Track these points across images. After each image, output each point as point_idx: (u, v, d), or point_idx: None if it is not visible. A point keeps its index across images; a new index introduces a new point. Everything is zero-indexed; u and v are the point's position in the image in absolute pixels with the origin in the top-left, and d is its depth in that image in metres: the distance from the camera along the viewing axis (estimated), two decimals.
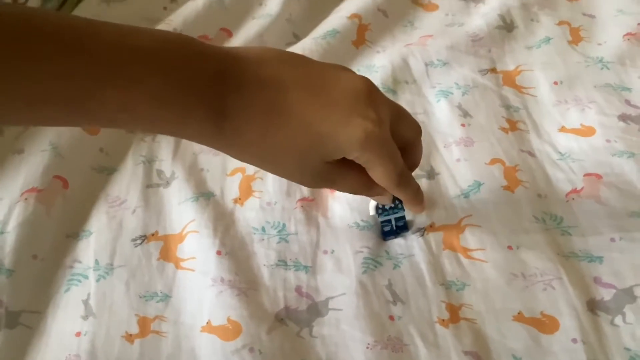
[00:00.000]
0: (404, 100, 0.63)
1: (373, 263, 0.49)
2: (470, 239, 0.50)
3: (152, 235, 0.52)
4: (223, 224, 0.52)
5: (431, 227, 0.51)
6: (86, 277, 0.49)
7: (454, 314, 0.46)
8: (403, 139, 0.44)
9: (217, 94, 0.37)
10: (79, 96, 0.34)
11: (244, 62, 0.39)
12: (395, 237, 0.51)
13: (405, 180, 0.44)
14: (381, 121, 0.41)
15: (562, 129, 0.60)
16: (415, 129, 0.45)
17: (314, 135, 0.39)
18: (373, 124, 0.40)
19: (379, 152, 0.41)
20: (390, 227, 0.51)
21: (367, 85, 0.41)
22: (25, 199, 0.51)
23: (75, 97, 0.34)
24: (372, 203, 0.50)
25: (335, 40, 0.67)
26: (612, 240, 0.50)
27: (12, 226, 0.49)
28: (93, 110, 0.35)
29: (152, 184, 0.56)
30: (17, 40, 0.31)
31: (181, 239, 0.51)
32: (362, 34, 0.70)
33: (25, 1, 0.62)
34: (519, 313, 0.46)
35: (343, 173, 0.43)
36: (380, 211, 0.50)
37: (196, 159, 0.58)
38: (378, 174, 0.42)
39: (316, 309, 0.47)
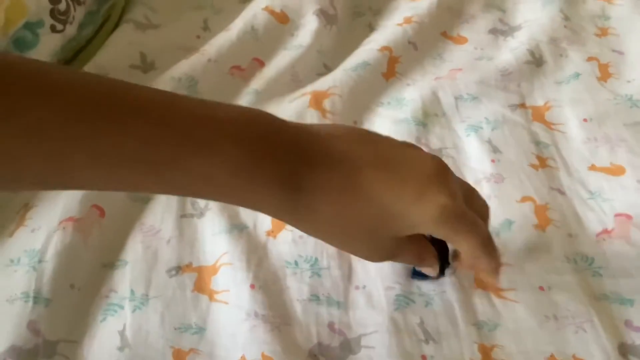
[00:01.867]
0: (434, 134, 0.64)
1: (405, 300, 0.50)
2: (502, 278, 0.51)
3: (187, 266, 0.52)
4: (256, 257, 0.52)
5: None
6: (122, 307, 0.50)
7: (485, 355, 0.47)
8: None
9: (293, 169, 0.38)
10: (163, 163, 0.35)
11: (317, 138, 0.40)
12: (423, 279, 0.52)
13: (489, 249, 0.44)
14: (454, 195, 0.41)
15: (592, 167, 0.60)
16: (485, 209, 0.46)
17: (388, 215, 0.40)
18: (446, 198, 0.40)
19: (456, 225, 0.41)
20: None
21: (437, 163, 0.42)
22: (64, 227, 0.52)
23: (159, 163, 0.35)
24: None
25: (366, 72, 0.68)
26: None
27: (50, 255, 0.50)
28: (175, 178, 0.36)
29: (186, 214, 0.56)
30: (105, 113, 0.34)
31: (215, 271, 0.52)
32: (392, 66, 0.70)
33: (63, 28, 0.63)
34: (550, 355, 0.47)
35: (404, 246, 0.44)
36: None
37: None
38: (461, 247, 0.43)
39: (349, 346, 0.48)
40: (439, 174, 0.42)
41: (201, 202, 0.57)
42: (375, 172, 0.40)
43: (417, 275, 0.51)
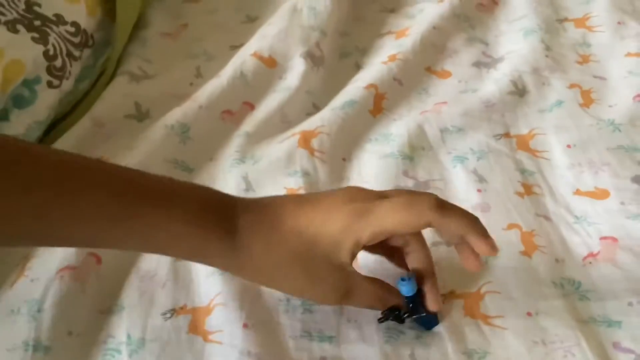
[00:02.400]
0: (421, 167, 0.65)
1: (396, 332, 0.51)
2: (490, 305, 0.52)
3: (181, 308, 0.54)
4: (249, 295, 0.54)
5: (452, 294, 0.53)
6: (119, 352, 0.51)
7: None
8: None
9: (230, 216, 0.46)
10: (128, 217, 0.43)
11: (251, 198, 0.49)
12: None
13: (476, 220, 0.47)
14: (361, 196, 0.47)
15: (577, 192, 0.62)
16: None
17: (306, 238, 0.45)
18: (351, 203, 0.46)
19: (369, 218, 0.45)
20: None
21: (353, 189, 0.49)
22: (61, 276, 0.53)
23: (125, 217, 0.43)
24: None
25: (353, 110, 0.70)
26: (630, 304, 0.51)
27: (48, 304, 0.52)
28: (137, 230, 0.44)
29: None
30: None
31: (209, 312, 0.53)
32: (379, 103, 0.72)
33: (60, 84, 0.66)
34: None
35: (357, 281, 0.48)
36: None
37: None
38: (395, 226, 0.45)
39: None
40: (348, 191, 0.48)
41: None
42: (296, 206, 0.47)
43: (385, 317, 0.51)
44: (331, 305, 0.51)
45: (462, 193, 0.62)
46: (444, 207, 0.45)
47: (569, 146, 0.66)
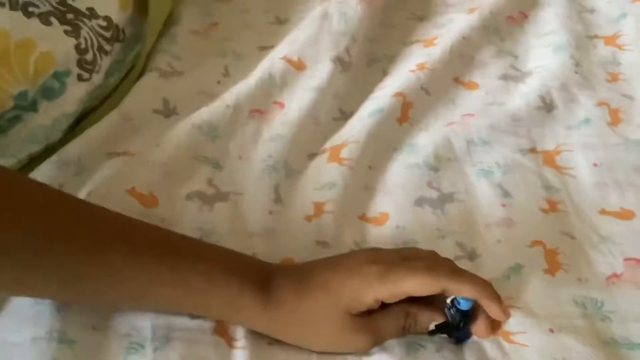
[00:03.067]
0: (446, 179, 0.65)
1: (416, 345, 0.51)
2: (512, 322, 0.51)
3: None
4: None
5: None
6: (143, 346, 0.51)
7: None
8: None
9: (266, 276, 0.51)
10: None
11: (281, 265, 0.56)
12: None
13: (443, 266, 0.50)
14: (382, 257, 0.51)
15: (603, 212, 0.62)
16: (432, 252, 0.53)
17: (329, 292, 0.49)
18: (371, 264, 0.50)
19: (387, 279, 0.48)
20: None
21: (376, 250, 0.54)
22: None
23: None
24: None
25: (381, 118, 0.70)
26: None
27: None
28: (176, 280, 0.49)
29: None
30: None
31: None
32: (406, 112, 0.72)
33: (89, 77, 0.66)
34: None
35: (379, 316, 0.50)
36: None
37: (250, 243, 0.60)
38: (412, 289, 0.48)
39: None
40: (369, 253, 0.54)
41: None
42: (324, 266, 0.52)
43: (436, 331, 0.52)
44: (365, 350, 0.51)
45: (486, 207, 0.62)
46: (459, 273, 0.50)
47: (595, 164, 0.66)
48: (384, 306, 0.50)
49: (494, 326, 0.51)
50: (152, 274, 0.48)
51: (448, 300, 0.50)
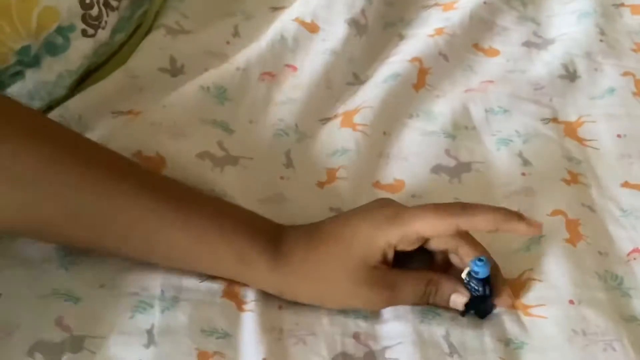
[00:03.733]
0: (464, 147, 0.63)
1: (431, 313, 0.49)
2: (531, 294, 0.50)
3: None
4: None
5: None
6: (151, 305, 0.49)
7: None
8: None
9: (276, 232, 0.50)
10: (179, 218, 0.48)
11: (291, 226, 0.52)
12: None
13: (461, 208, 0.48)
14: (394, 205, 0.50)
15: (625, 184, 0.59)
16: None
17: (343, 241, 0.48)
18: (384, 208, 0.49)
19: (399, 220, 0.47)
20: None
21: (386, 199, 0.52)
22: None
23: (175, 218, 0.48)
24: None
25: (396, 83, 0.68)
26: None
27: (82, 258, 0.51)
28: (186, 228, 0.48)
29: None
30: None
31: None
32: (422, 78, 0.70)
33: (94, 33, 0.64)
34: None
35: (399, 277, 0.48)
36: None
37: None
38: (423, 228, 0.47)
39: (373, 358, 0.47)
40: (381, 201, 0.52)
41: None
42: (330, 220, 0.51)
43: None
44: (380, 308, 0.50)
45: (505, 176, 0.60)
46: (470, 206, 0.48)
47: (619, 136, 0.64)
48: (404, 263, 0.49)
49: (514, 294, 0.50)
50: (162, 216, 0.47)
51: (464, 275, 0.49)
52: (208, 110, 0.63)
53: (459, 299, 0.49)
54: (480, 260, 0.47)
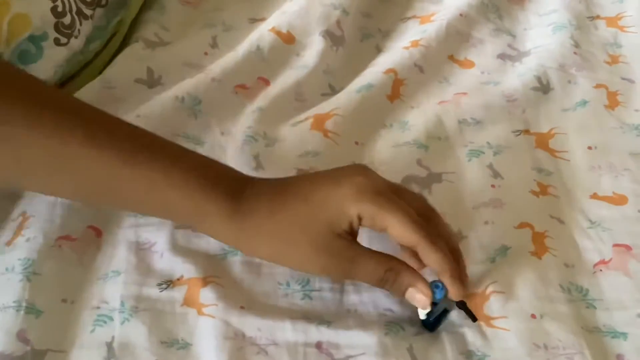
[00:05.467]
0: (436, 158, 0.63)
1: (396, 327, 0.50)
2: (494, 306, 0.50)
3: (178, 280, 0.52)
4: (247, 279, 0.52)
5: None
6: (111, 318, 0.50)
7: None
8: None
9: (237, 185, 0.48)
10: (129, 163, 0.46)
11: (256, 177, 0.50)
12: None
13: (424, 232, 0.46)
14: (373, 178, 0.47)
15: (594, 196, 0.60)
16: (419, 200, 0.49)
17: (312, 203, 0.46)
18: (363, 177, 0.46)
19: (378, 200, 0.45)
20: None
21: (360, 165, 0.50)
22: (59, 245, 0.53)
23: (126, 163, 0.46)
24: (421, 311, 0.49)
25: (370, 94, 0.68)
26: (639, 315, 0.49)
27: (45, 270, 0.51)
28: (135, 176, 0.46)
29: (180, 225, 0.56)
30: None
31: (205, 283, 0.51)
32: (397, 89, 0.70)
33: (67, 42, 0.64)
34: None
35: (361, 252, 0.47)
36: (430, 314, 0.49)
37: None
38: (392, 225, 0.45)
39: None
40: (360, 167, 0.49)
41: None
42: (300, 178, 0.51)
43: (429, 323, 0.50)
44: (335, 279, 0.49)
45: (475, 188, 0.60)
46: (436, 243, 0.46)
47: (589, 148, 0.64)
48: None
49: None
50: (110, 165, 0.45)
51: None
52: (181, 123, 0.64)
53: (416, 295, 0.47)
54: (436, 286, 0.48)
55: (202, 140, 0.64)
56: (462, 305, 0.49)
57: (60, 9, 0.62)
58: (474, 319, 0.49)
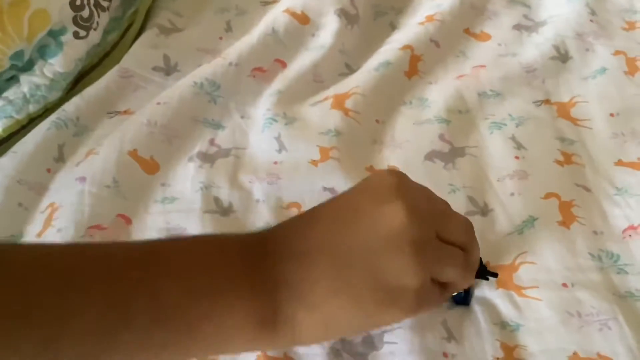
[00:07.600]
0: (457, 132, 0.63)
1: None
2: (524, 277, 0.50)
3: None
4: None
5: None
6: None
7: (508, 354, 0.46)
8: (455, 242, 0.42)
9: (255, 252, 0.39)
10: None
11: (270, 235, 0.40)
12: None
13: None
14: (413, 216, 0.39)
15: (619, 163, 0.59)
16: (465, 227, 0.44)
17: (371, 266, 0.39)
18: (399, 222, 0.39)
19: (424, 263, 0.39)
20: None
21: (402, 213, 0.40)
22: (91, 235, 0.53)
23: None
24: None
25: (388, 71, 0.68)
26: None
27: None
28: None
29: (209, 210, 0.57)
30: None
31: None
32: (414, 65, 0.70)
33: (86, 34, 0.64)
34: (574, 353, 0.46)
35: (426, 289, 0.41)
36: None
37: (252, 191, 0.59)
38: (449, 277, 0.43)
39: (371, 342, 0.48)
40: (392, 194, 0.41)
41: (225, 203, 0.57)
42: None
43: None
44: (404, 318, 0.44)
45: (499, 160, 0.60)
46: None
47: (612, 115, 0.63)
48: None
49: None
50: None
51: None
52: (201, 109, 0.65)
53: None
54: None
55: (223, 125, 0.64)
56: (480, 266, 0.48)
57: (79, 2, 0.62)
58: (494, 275, 0.49)
